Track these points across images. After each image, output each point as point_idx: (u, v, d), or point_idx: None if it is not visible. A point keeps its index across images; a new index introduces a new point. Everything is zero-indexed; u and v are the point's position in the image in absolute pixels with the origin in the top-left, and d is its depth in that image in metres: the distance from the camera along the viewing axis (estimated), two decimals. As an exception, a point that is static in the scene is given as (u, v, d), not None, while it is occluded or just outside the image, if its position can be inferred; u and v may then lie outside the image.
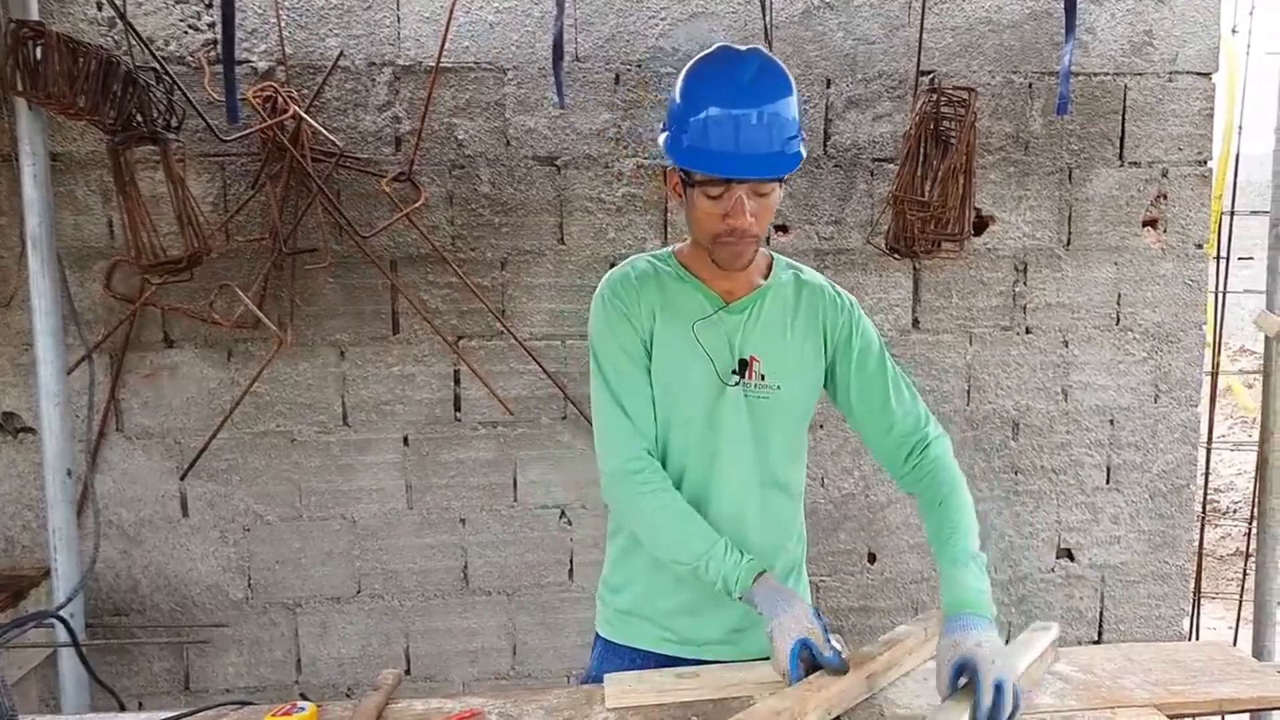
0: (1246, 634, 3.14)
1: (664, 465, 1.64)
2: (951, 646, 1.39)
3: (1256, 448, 2.93)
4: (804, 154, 1.53)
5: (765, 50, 1.57)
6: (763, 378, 1.63)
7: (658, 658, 1.68)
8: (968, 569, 1.49)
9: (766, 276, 1.68)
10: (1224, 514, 6.04)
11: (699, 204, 1.52)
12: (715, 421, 1.62)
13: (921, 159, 2.37)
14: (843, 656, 1.47)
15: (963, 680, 1.39)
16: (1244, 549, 5.64)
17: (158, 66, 2.49)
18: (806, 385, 1.68)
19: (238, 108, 2.27)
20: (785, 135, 1.49)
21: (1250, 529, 3.03)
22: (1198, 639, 3.18)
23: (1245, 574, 3.39)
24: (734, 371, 1.62)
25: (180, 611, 2.75)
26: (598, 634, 1.77)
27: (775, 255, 1.73)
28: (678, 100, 1.54)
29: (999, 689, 1.32)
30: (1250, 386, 8.44)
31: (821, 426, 2.89)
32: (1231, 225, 2.97)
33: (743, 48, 1.56)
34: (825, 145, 2.81)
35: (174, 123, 2.43)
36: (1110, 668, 1.65)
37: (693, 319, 1.62)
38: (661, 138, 1.57)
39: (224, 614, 2.77)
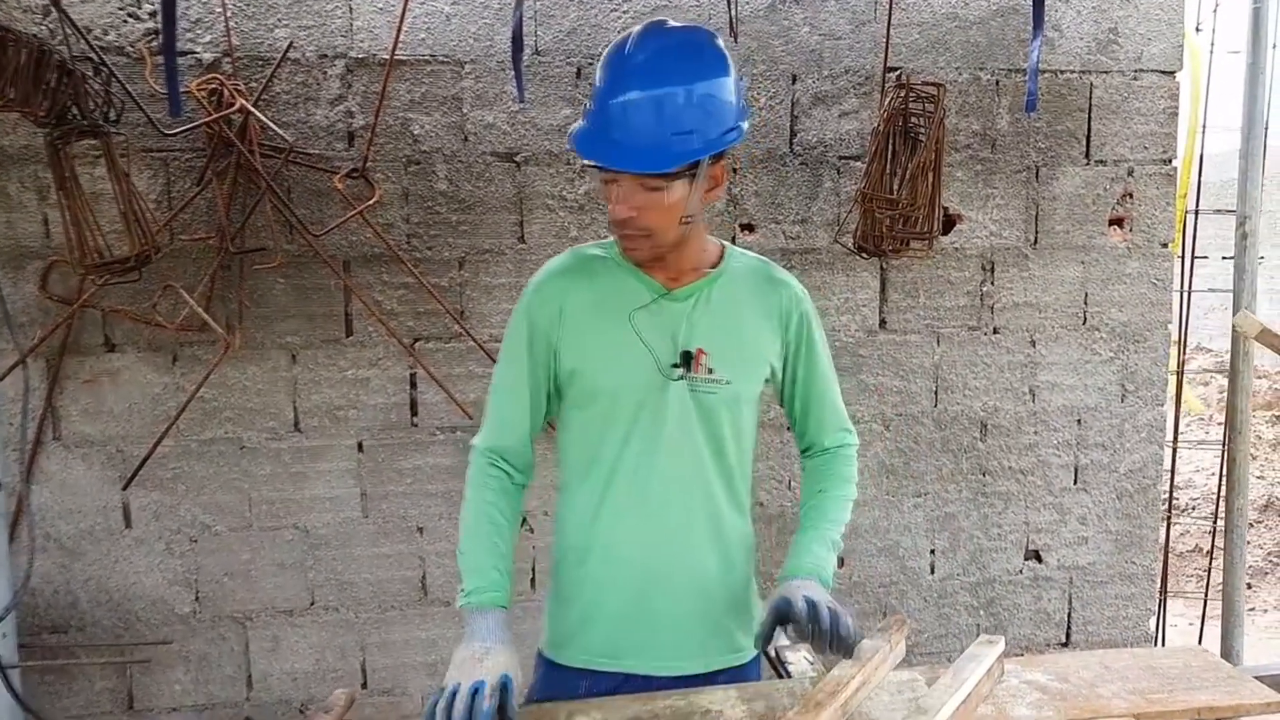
0: (1211, 632, 3.15)
1: (597, 467, 1.56)
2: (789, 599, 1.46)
3: (1221, 446, 2.94)
4: (698, 155, 1.37)
5: (706, 31, 1.45)
6: (710, 371, 1.53)
7: (607, 677, 1.58)
8: (813, 548, 1.56)
9: (717, 265, 1.59)
10: (1182, 511, 6.10)
11: (600, 190, 1.50)
12: (657, 419, 1.52)
13: (890, 156, 2.32)
14: None
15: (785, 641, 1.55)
16: (1202, 546, 5.71)
17: (95, 57, 2.37)
18: (756, 378, 1.61)
19: (180, 100, 2.17)
20: (674, 129, 1.35)
21: (1215, 527, 3.03)
22: (1164, 639, 3.18)
23: (1209, 571, 3.41)
24: (675, 365, 1.52)
25: (123, 627, 2.63)
26: (540, 651, 1.67)
27: (728, 245, 1.65)
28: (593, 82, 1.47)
29: (809, 601, 1.41)
30: (1206, 384, 8.56)
31: (789, 428, 2.83)
32: (1196, 225, 2.97)
33: (675, 23, 1.45)
34: (791, 143, 2.76)
35: (112, 116, 2.32)
36: (1087, 675, 1.62)
37: (629, 308, 1.52)
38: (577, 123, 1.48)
39: (170, 629, 2.65)
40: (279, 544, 2.67)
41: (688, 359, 1.53)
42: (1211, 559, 3.34)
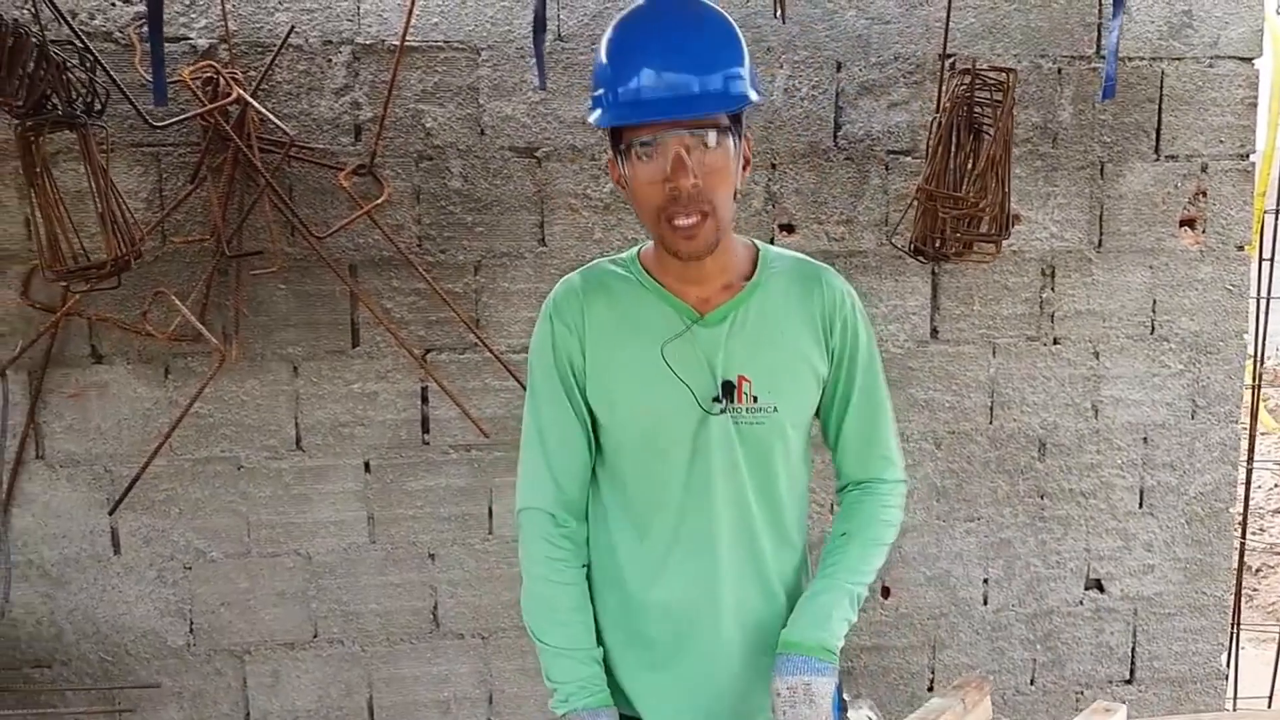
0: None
1: (634, 518, 1.43)
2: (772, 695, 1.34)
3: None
4: (752, 96, 1.27)
5: None
6: (755, 399, 1.39)
7: None
8: (823, 605, 1.38)
9: (751, 274, 1.42)
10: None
11: (637, 176, 1.28)
12: (701, 459, 1.39)
13: (953, 149, 2.09)
14: None
15: None
16: (1251, 564, 5.45)
17: (78, 43, 2.18)
18: (806, 399, 1.44)
19: (166, 89, 1.98)
20: (724, 71, 1.26)
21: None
22: (1237, 677, 2.94)
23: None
24: (716, 399, 1.38)
25: (112, 662, 2.44)
26: None
27: (761, 245, 1.47)
28: (602, 61, 1.32)
29: None
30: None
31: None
32: (1276, 225, 2.73)
33: None
34: (835, 136, 2.53)
35: (96, 106, 2.12)
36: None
37: (660, 339, 1.38)
38: (592, 116, 1.32)
39: (162, 664, 2.46)
40: (279, 571, 2.48)
41: (729, 389, 1.39)
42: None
